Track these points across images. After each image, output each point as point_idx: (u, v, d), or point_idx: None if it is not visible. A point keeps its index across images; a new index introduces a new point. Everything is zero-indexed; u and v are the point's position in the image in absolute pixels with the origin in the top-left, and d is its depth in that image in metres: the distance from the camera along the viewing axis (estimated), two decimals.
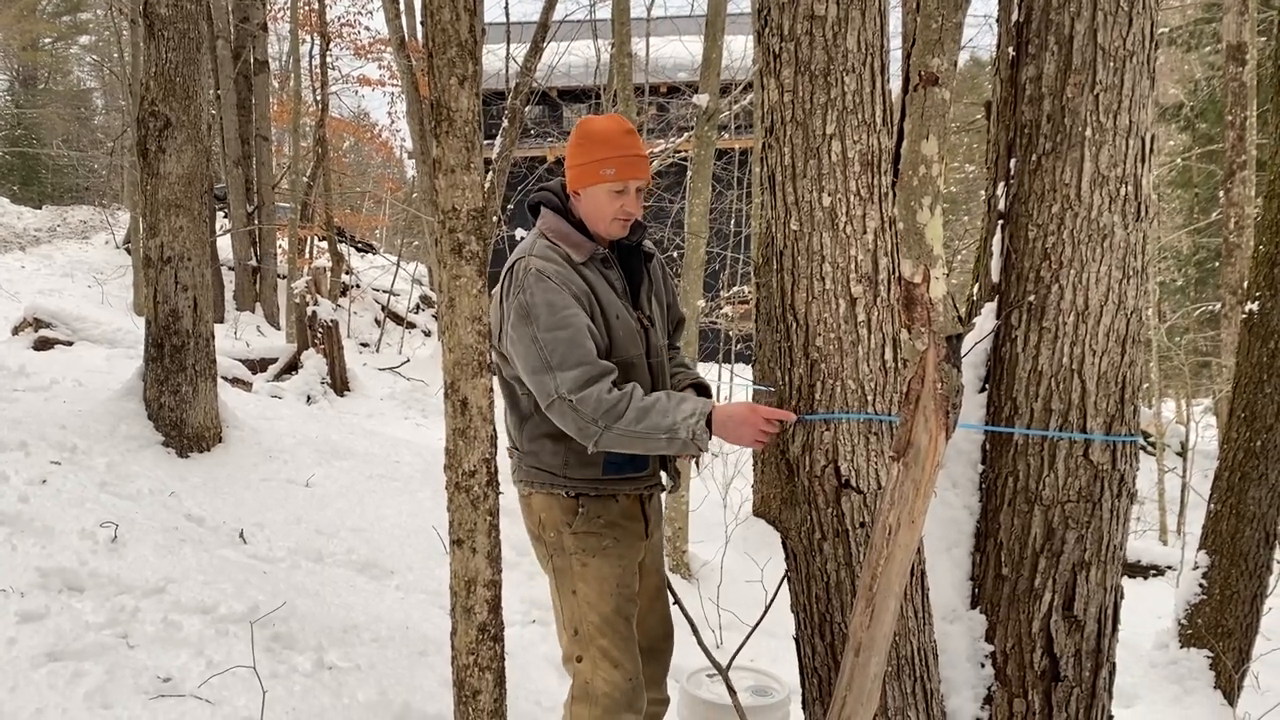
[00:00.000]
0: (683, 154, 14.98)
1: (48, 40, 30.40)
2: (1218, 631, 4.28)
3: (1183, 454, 12.20)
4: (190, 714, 2.78)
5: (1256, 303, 4.24)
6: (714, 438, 2.33)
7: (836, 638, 2.29)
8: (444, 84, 1.35)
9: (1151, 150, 2.36)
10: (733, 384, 16.69)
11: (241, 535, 4.49)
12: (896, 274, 2.19)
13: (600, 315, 2.47)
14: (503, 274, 2.50)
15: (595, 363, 2.34)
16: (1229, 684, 4.25)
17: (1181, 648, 4.40)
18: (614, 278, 2.55)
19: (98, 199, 25.37)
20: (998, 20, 2.55)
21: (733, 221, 17.79)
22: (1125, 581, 2.49)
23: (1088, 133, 2.30)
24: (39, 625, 2.98)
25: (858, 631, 1.59)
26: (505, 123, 13.88)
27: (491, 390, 1.41)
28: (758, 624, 2.74)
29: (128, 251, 16.84)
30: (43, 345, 9.69)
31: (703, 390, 2.72)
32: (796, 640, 2.45)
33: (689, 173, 7.22)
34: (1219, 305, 10.57)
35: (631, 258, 2.64)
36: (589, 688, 2.52)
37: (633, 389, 2.35)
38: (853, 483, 2.24)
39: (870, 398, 2.24)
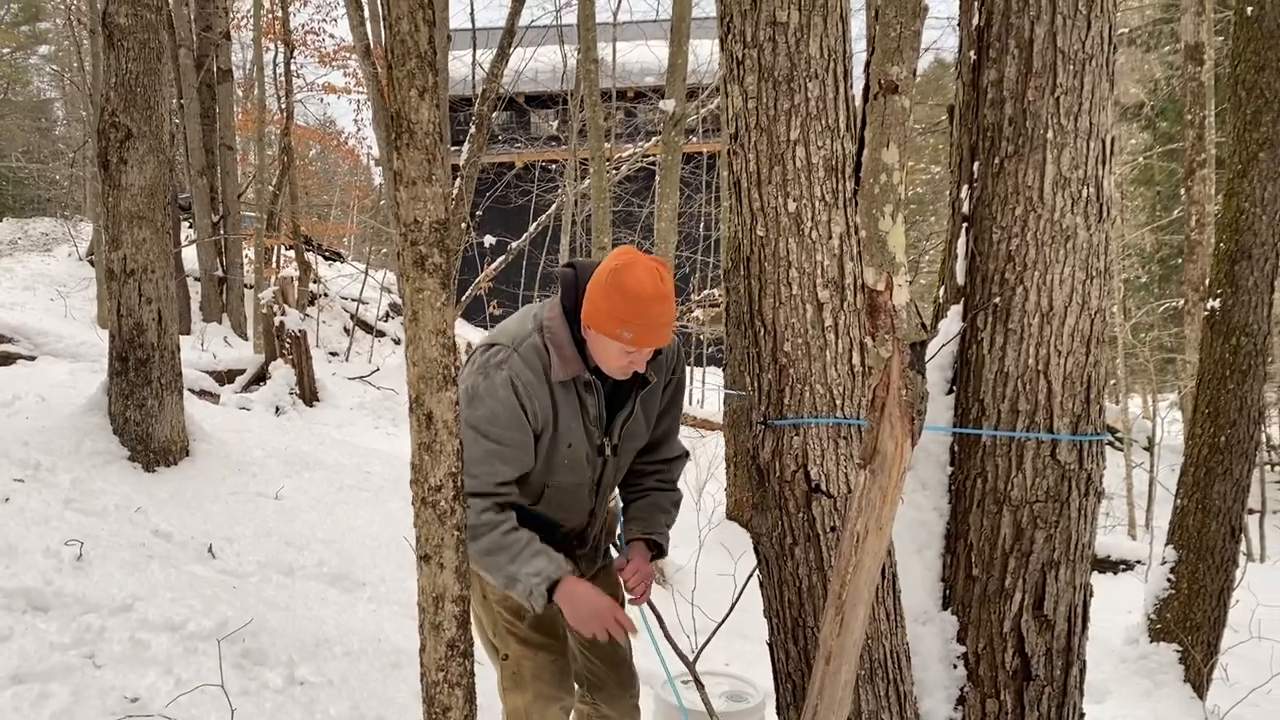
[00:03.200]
0: (651, 158, 15.01)
1: (6, 50, 29.97)
2: (1186, 626, 4.33)
3: (1150, 449, 12.36)
4: None
5: (1218, 300, 4.30)
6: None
7: (810, 642, 2.29)
8: (404, 96, 1.34)
9: (1112, 152, 2.39)
10: (704, 388, 16.72)
11: (210, 550, 4.44)
12: (862, 280, 2.20)
13: (550, 440, 2.38)
14: (491, 338, 2.37)
15: (490, 486, 2.29)
16: (1198, 677, 4.30)
17: (1151, 642, 4.45)
18: (590, 402, 2.41)
19: (60, 211, 25.04)
20: (959, 24, 2.57)
21: (702, 225, 17.85)
22: (1096, 577, 2.51)
23: (1049, 135, 2.32)
24: (3, 647, 2.92)
25: (828, 639, 1.59)
26: (472, 129, 13.84)
27: (458, 403, 1.40)
28: (721, 623, 2.73)
29: (91, 264, 16.63)
30: (4, 360, 9.56)
31: (654, 546, 2.64)
32: (770, 645, 2.46)
33: (657, 178, 7.23)
34: (1182, 302, 10.71)
35: (621, 383, 2.46)
36: (518, 676, 2.59)
37: (505, 520, 2.31)
38: (823, 487, 2.24)
39: (839, 402, 2.24)
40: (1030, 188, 2.34)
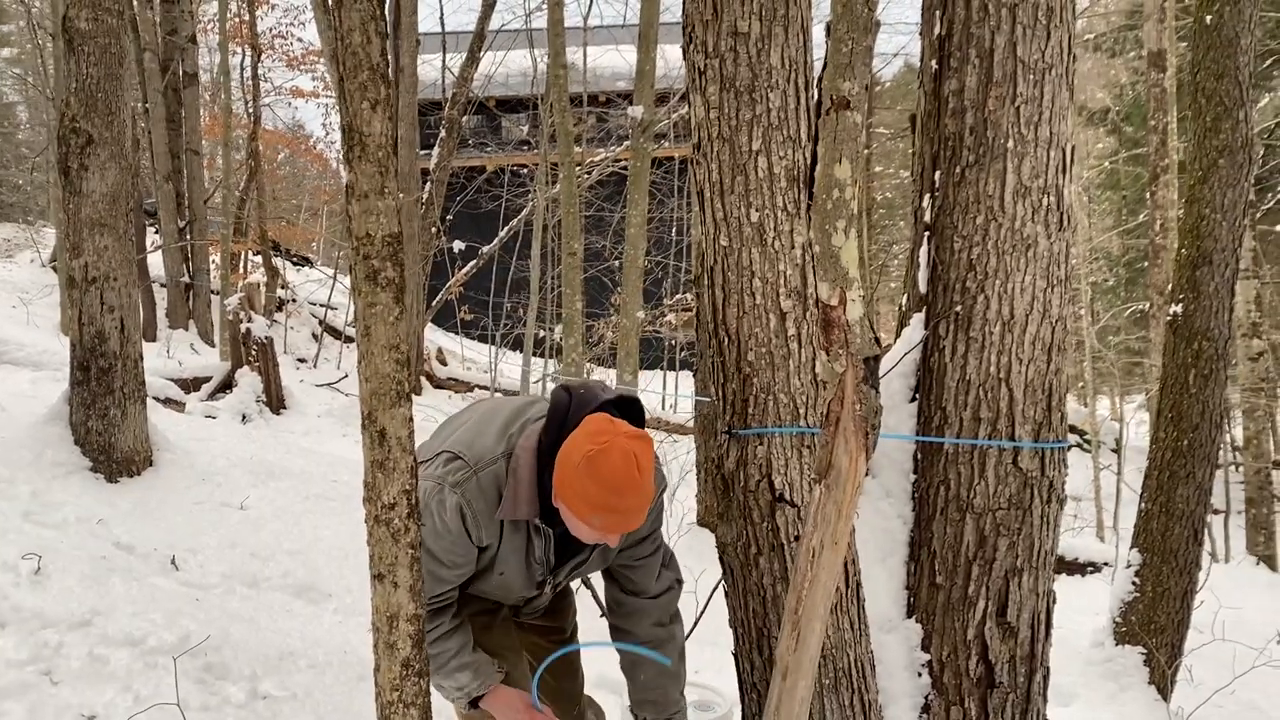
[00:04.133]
0: (622, 163, 15.01)
1: None
2: (1150, 628, 4.37)
3: (1117, 450, 12.48)
4: None
5: (1180, 305, 4.34)
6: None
7: (774, 652, 2.29)
8: (355, 108, 1.32)
9: (1072, 161, 2.41)
10: (678, 395, 16.72)
11: (173, 562, 4.37)
12: (816, 295, 2.20)
13: (487, 561, 2.28)
14: (461, 447, 2.21)
15: (425, 599, 2.25)
16: (1163, 679, 4.33)
17: (1116, 645, 4.48)
18: (539, 545, 2.28)
19: (22, 216, 24.69)
20: (920, 33, 2.58)
21: (674, 230, 17.87)
22: (1063, 579, 2.53)
23: (1009, 144, 2.33)
24: None
25: (784, 655, 1.58)
26: (442, 133, 13.80)
27: (411, 420, 1.39)
28: (688, 634, 2.73)
29: (54, 270, 16.37)
30: None
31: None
32: (735, 655, 2.45)
33: (627, 183, 7.22)
34: (1148, 305, 10.84)
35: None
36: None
37: (437, 626, 2.25)
38: (787, 496, 2.24)
39: (802, 411, 2.24)
40: (991, 196, 2.35)
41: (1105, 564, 8.28)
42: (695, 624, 2.72)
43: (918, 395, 2.52)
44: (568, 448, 2.08)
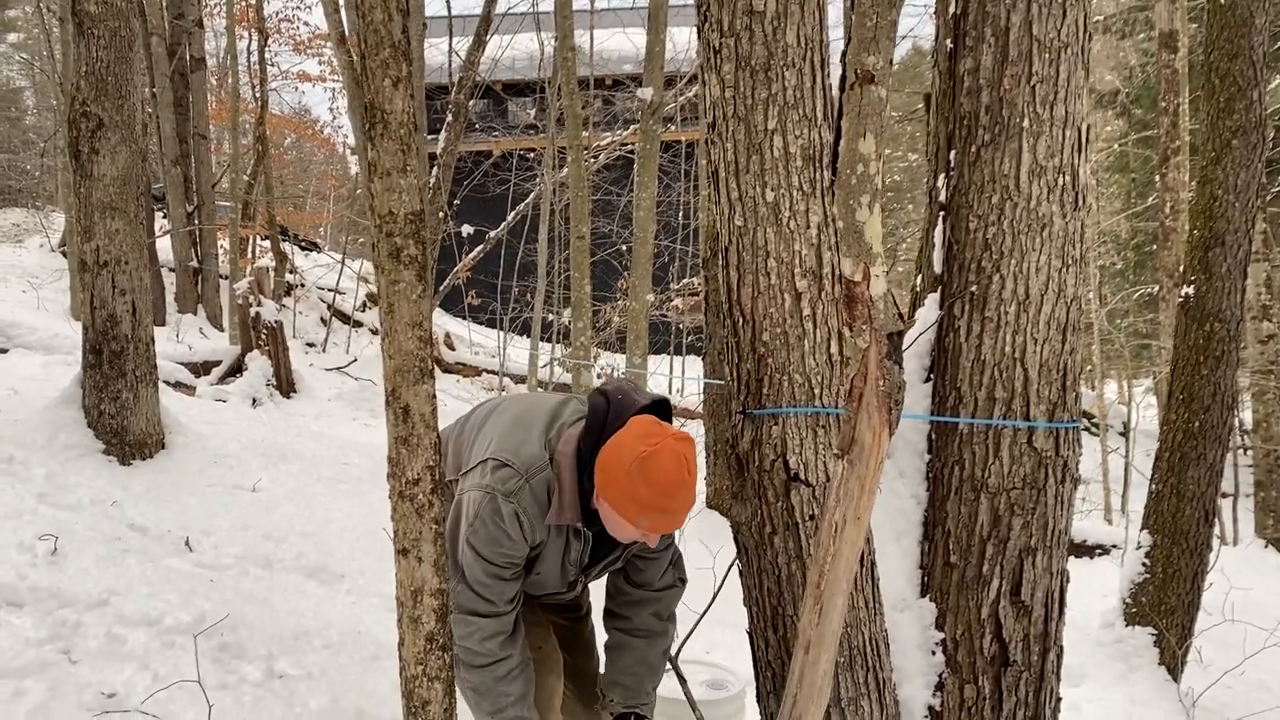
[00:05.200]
0: (629, 147, 14.98)
1: None
2: (1161, 609, 4.37)
3: (1125, 434, 12.46)
4: None
5: (1192, 286, 4.33)
6: None
7: (789, 631, 2.30)
8: (377, 86, 1.33)
9: (1087, 140, 2.40)
10: (684, 378, 16.74)
11: (187, 543, 4.40)
12: (839, 270, 2.20)
13: (525, 568, 2.32)
14: (505, 454, 2.21)
15: (504, 605, 2.24)
16: (1172, 660, 4.34)
17: (1126, 626, 4.48)
18: (576, 547, 2.33)
19: (31, 201, 24.74)
20: (935, 12, 2.57)
21: (681, 214, 17.84)
22: (1072, 561, 2.53)
23: (1025, 124, 2.33)
24: None
25: (807, 629, 1.59)
26: (449, 117, 13.77)
27: (434, 397, 1.39)
28: (704, 614, 2.74)
29: (63, 255, 16.43)
30: None
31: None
32: (750, 634, 2.46)
33: (636, 166, 7.21)
34: (1157, 288, 10.80)
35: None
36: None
37: (506, 659, 2.26)
38: (802, 476, 2.25)
39: (817, 391, 2.24)
40: (1006, 176, 2.35)
41: (1114, 546, 8.29)
42: (711, 602, 2.73)
43: (932, 375, 2.52)
44: (614, 451, 2.10)
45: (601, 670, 2.69)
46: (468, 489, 2.23)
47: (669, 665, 2.73)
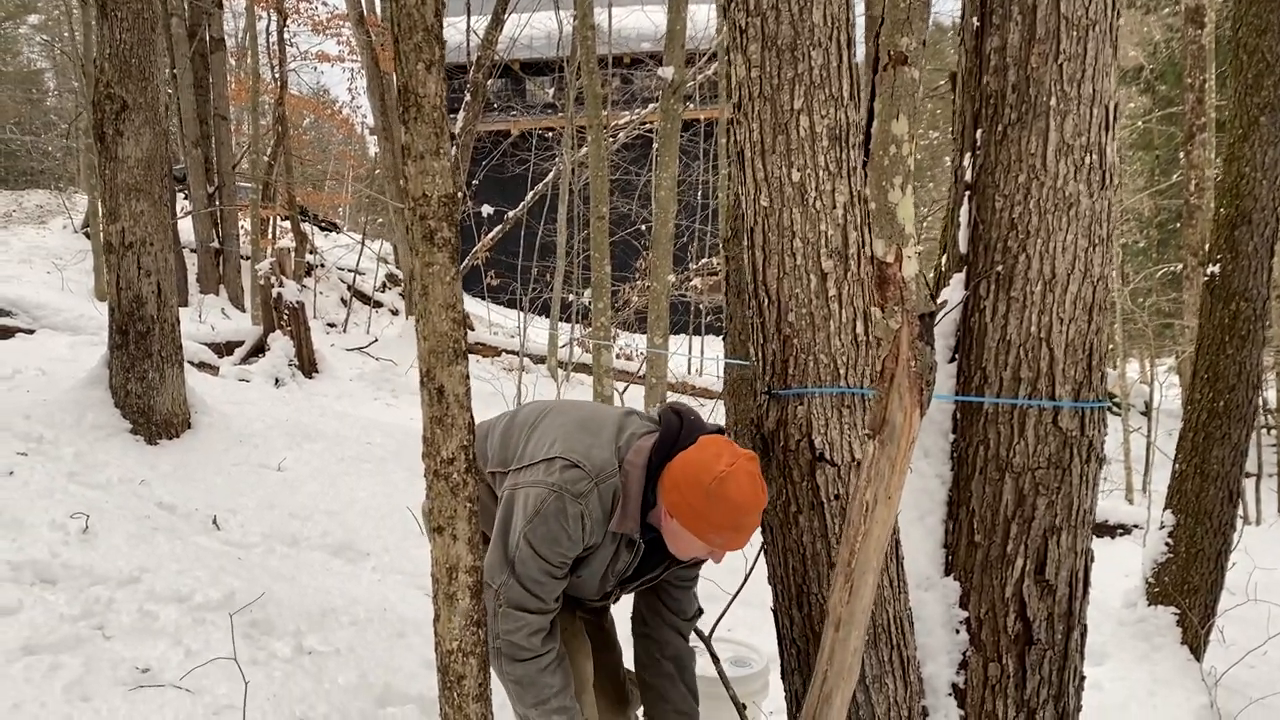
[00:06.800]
0: (649, 126, 14.93)
1: None
2: (1184, 589, 4.36)
3: (1147, 414, 12.40)
4: (171, 704, 2.77)
5: (1217, 265, 4.30)
6: None
7: (814, 608, 2.32)
8: (411, 69, 1.34)
9: (1115, 119, 2.39)
10: (703, 360, 16.73)
11: (214, 522, 4.46)
12: (867, 249, 2.20)
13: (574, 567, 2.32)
14: (576, 455, 2.20)
15: (550, 603, 2.24)
16: (1195, 639, 4.34)
17: (1149, 605, 4.48)
18: (624, 558, 2.32)
19: (54, 183, 24.87)
20: None
21: (700, 194, 17.78)
22: (1094, 541, 2.54)
23: (1052, 102, 2.32)
24: (12, 619, 2.95)
25: (837, 607, 1.61)
26: (468, 97, 13.76)
27: (468, 377, 1.41)
28: (736, 594, 2.76)
29: (87, 236, 16.54)
30: (3, 334, 9.56)
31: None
32: (774, 611, 2.48)
33: (655, 146, 7.19)
34: (1180, 267, 10.71)
35: (662, 547, 2.33)
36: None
37: (548, 652, 2.26)
38: (827, 456, 2.26)
39: (843, 371, 2.25)
40: (1033, 155, 2.34)
41: (1135, 526, 8.27)
42: (743, 583, 2.74)
43: (957, 355, 2.53)
44: (690, 468, 2.10)
45: (629, 667, 2.71)
46: (527, 484, 2.21)
47: (702, 643, 2.75)
